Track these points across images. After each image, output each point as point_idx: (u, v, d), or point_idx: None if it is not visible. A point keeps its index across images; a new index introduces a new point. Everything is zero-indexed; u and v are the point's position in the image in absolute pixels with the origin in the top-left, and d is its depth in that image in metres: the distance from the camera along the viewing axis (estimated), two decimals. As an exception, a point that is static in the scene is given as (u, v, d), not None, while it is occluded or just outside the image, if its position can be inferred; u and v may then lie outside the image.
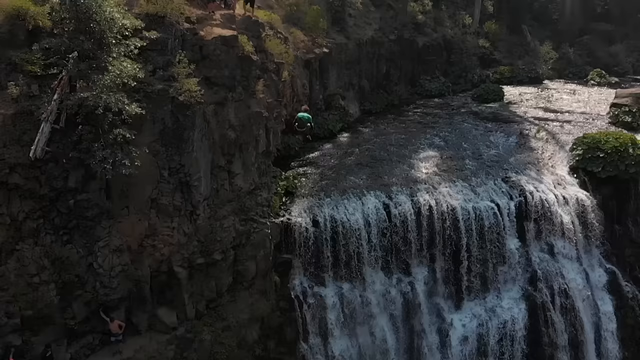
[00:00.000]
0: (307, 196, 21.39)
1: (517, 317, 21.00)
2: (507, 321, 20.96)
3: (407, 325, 20.65)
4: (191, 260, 17.28)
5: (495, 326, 20.88)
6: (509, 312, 21.10)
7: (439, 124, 28.58)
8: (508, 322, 20.96)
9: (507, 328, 20.91)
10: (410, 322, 20.66)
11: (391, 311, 20.54)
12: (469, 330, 20.79)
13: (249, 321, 18.48)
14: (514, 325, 20.93)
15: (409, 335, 20.61)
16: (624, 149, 23.44)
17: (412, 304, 20.72)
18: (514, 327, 20.93)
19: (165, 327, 16.98)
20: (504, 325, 20.92)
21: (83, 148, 14.54)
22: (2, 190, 14.44)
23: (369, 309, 20.33)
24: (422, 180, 22.55)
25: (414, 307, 20.73)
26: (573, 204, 22.66)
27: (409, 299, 20.73)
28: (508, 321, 20.96)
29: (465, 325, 20.88)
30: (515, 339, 20.90)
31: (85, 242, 15.52)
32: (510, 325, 20.93)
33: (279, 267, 19.75)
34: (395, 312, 20.60)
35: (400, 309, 20.64)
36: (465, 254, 21.17)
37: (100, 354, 16.16)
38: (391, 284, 20.78)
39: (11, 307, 14.59)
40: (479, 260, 21.28)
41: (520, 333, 20.93)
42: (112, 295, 15.95)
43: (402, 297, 20.69)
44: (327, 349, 19.55)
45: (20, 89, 14.23)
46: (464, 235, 21.13)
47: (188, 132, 16.71)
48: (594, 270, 22.68)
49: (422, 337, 20.58)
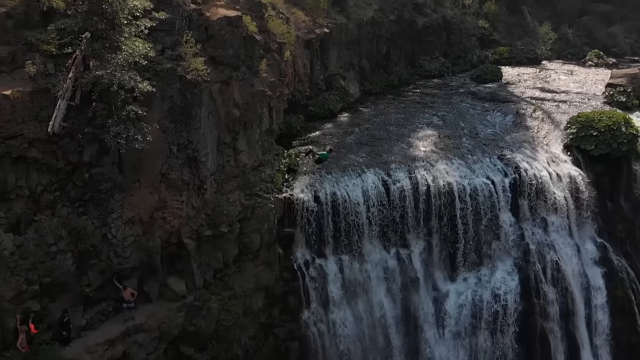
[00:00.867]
0: (308, 173, 22.44)
1: (510, 288, 22.22)
2: (500, 292, 22.17)
3: (404, 296, 21.86)
4: (199, 232, 18.40)
5: (488, 297, 22.10)
6: (502, 284, 22.31)
7: (438, 103, 29.45)
8: (501, 293, 22.17)
9: (500, 298, 22.12)
10: (407, 292, 21.87)
11: (389, 282, 21.74)
12: (464, 301, 22.01)
13: (254, 290, 19.70)
14: (506, 296, 22.15)
15: (406, 304, 21.84)
16: (616, 128, 24.41)
17: (409, 276, 21.92)
18: (506, 297, 22.14)
19: (175, 295, 18.18)
20: (497, 295, 22.12)
21: (97, 124, 15.53)
22: (21, 164, 15.47)
23: (368, 280, 21.53)
24: (420, 158, 23.57)
25: (410, 279, 21.92)
26: (566, 180, 23.71)
27: (406, 271, 21.92)
28: (501, 292, 22.18)
29: (459, 296, 22.11)
30: (507, 309, 22.11)
31: (100, 214, 16.62)
32: (503, 296, 22.15)
33: (282, 240, 20.92)
34: (393, 283, 21.79)
35: (398, 280, 21.83)
36: (461, 229, 22.28)
37: (114, 320, 17.37)
38: (389, 256, 21.96)
39: (30, 274, 15.69)
40: (474, 234, 22.39)
41: (512, 303, 22.13)
42: (125, 264, 17.11)
43: (399, 269, 21.88)
44: (328, 316, 20.81)
45: (36, 67, 15.17)
46: (460, 210, 22.21)
47: (195, 109, 17.69)
48: (586, 244, 23.83)
49: (419, 306, 21.82)
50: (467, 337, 22.13)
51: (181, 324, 18.01)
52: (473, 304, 22.07)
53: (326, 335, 20.64)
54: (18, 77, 15.39)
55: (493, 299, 22.17)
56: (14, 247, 15.38)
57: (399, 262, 22.02)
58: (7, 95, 14.85)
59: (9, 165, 15.27)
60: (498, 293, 22.23)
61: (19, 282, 15.43)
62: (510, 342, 22.22)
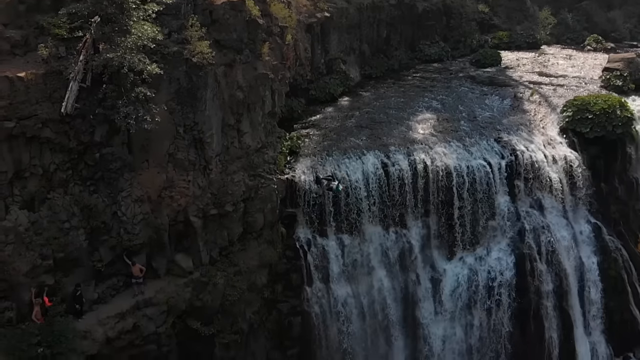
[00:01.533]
0: (310, 155, 23.30)
1: (505, 267, 23.18)
2: (495, 271, 23.14)
3: (403, 274, 22.83)
4: (205, 211, 19.29)
5: (484, 275, 23.06)
6: (498, 263, 23.26)
7: (437, 87, 30.15)
8: (496, 271, 23.14)
9: (496, 277, 23.09)
10: (405, 271, 22.83)
11: (388, 261, 22.68)
12: (460, 279, 22.99)
13: (258, 267, 20.67)
14: (502, 274, 23.12)
15: (404, 283, 22.81)
16: (611, 111, 25.20)
17: (407, 255, 22.86)
18: (502, 276, 23.12)
19: (182, 271, 19.13)
20: (493, 274, 23.09)
21: (108, 105, 16.32)
22: (34, 144, 16.29)
23: (368, 259, 22.49)
24: (419, 140, 24.38)
25: (409, 258, 22.87)
26: (562, 163, 24.56)
27: (404, 251, 22.86)
28: (496, 271, 23.15)
29: (456, 275, 23.07)
30: (503, 287, 23.10)
31: (110, 192, 17.49)
32: (499, 274, 23.12)
33: (285, 220, 21.86)
34: (392, 262, 22.74)
35: (397, 259, 22.78)
36: (458, 209, 23.16)
37: (124, 295, 18.35)
38: (388, 236, 22.88)
39: (45, 249, 16.60)
40: (471, 215, 23.27)
41: (507, 282, 23.12)
42: (135, 241, 18.02)
43: (398, 248, 22.82)
44: (329, 293, 21.80)
45: (49, 50, 15.92)
46: (457, 191, 23.08)
47: (201, 91, 18.45)
48: (580, 225, 24.76)
49: (417, 285, 22.80)
50: (463, 315, 23.13)
51: (188, 298, 18.98)
52: (469, 282, 23.02)
53: (327, 311, 21.66)
54: (31, 59, 16.15)
55: (489, 277, 23.12)
56: (28, 223, 16.26)
57: (398, 242, 22.94)
58: (22, 77, 15.62)
59: (23, 145, 16.09)
60: (494, 272, 23.17)
61: (34, 257, 16.35)
62: (505, 320, 23.20)
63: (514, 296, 23.22)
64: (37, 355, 15.68)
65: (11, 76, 15.52)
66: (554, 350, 23.31)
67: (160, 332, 18.41)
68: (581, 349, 23.74)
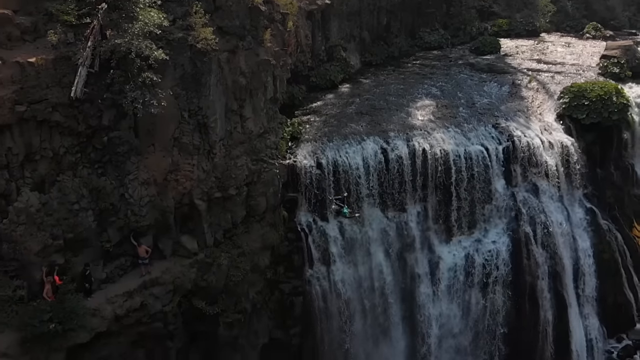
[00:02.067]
0: (311, 141, 23.96)
1: (501, 249, 23.94)
2: (491, 253, 23.90)
3: (401, 257, 23.59)
4: (209, 194, 20.00)
5: (480, 257, 23.82)
6: (494, 245, 24.02)
7: (437, 75, 30.71)
8: (493, 254, 23.89)
9: (492, 259, 23.85)
10: (404, 253, 23.59)
11: (387, 244, 23.43)
12: (457, 261, 23.77)
13: (261, 249, 21.43)
14: (498, 256, 23.88)
15: (402, 265, 23.59)
16: (607, 97, 25.81)
17: (406, 238, 23.61)
18: (498, 258, 23.88)
19: (187, 252, 19.88)
20: (489, 256, 23.85)
21: (115, 90, 16.95)
22: (45, 127, 16.95)
23: (367, 242, 23.23)
24: (418, 126, 25.02)
25: (407, 241, 23.62)
26: (558, 148, 25.21)
27: (403, 234, 23.60)
28: (493, 253, 23.90)
29: (453, 257, 23.84)
30: (499, 269, 23.86)
31: (118, 175, 18.19)
32: (495, 256, 23.88)
33: (287, 204, 22.59)
34: (391, 245, 23.49)
35: (395, 242, 23.53)
36: (456, 194, 23.86)
37: (132, 275, 19.12)
38: (387, 220, 23.61)
39: (55, 230, 17.31)
40: (468, 199, 23.98)
41: (503, 264, 23.87)
42: (142, 222, 18.75)
43: (397, 231, 23.55)
44: (330, 274, 22.58)
45: (58, 36, 16.51)
46: (455, 176, 23.76)
47: (205, 77, 19.07)
48: (575, 209, 25.49)
49: (415, 266, 23.58)
50: (460, 295, 23.93)
51: (193, 278, 19.74)
52: (466, 264, 23.80)
53: (328, 291, 22.46)
54: (41, 45, 16.75)
55: (485, 259, 23.88)
56: (39, 204, 16.96)
57: (397, 225, 23.66)
58: (32, 63, 16.24)
59: (34, 129, 16.75)
60: (490, 254, 23.92)
61: (45, 237, 17.06)
62: (501, 301, 23.98)
63: (510, 278, 23.95)
64: (48, 331, 16.42)
65: (22, 61, 16.14)
66: (548, 330, 24.08)
67: (166, 310, 19.19)
68: (575, 329, 24.53)
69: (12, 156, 16.55)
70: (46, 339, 16.50)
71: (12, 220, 16.63)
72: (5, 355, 16.32)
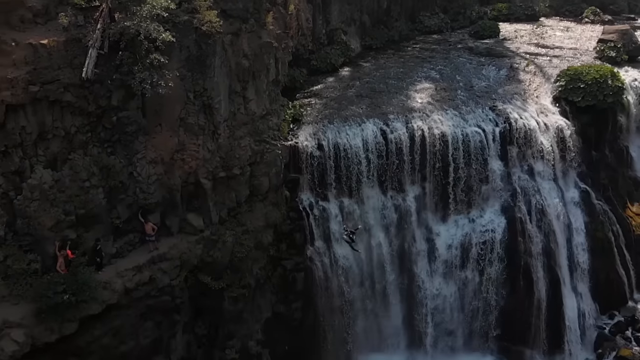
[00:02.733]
0: (312, 123, 24.80)
1: (497, 228, 24.84)
2: (487, 232, 24.79)
3: (400, 235, 24.55)
4: (214, 174, 20.88)
5: (477, 236, 24.75)
6: (490, 224, 24.91)
7: (436, 58, 31.43)
8: (488, 232, 24.80)
9: (488, 238, 24.77)
10: (402, 232, 24.55)
11: (386, 223, 24.36)
12: (454, 240, 24.70)
13: (264, 227, 22.36)
14: (493, 235, 24.79)
15: (401, 243, 24.55)
16: (603, 80, 26.57)
17: (404, 217, 24.54)
18: (493, 237, 24.79)
19: (193, 229, 20.81)
20: (485, 235, 24.78)
21: (124, 71, 17.75)
22: (56, 107, 17.78)
23: (366, 221, 24.17)
24: (417, 109, 25.82)
25: (405, 220, 24.55)
26: (553, 130, 26.04)
27: (401, 213, 24.53)
28: (489, 232, 24.80)
29: (450, 235, 24.78)
30: (494, 247, 24.81)
31: (126, 154, 19.06)
32: (491, 235, 24.79)
33: (289, 184, 23.48)
34: (389, 224, 24.43)
35: (394, 222, 24.46)
36: (453, 174, 24.72)
37: (140, 250, 20.07)
38: (386, 200, 24.53)
39: (67, 206, 18.23)
40: (465, 179, 24.85)
41: (499, 242, 24.81)
42: (150, 200, 19.67)
43: (395, 211, 24.49)
44: (330, 252, 23.56)
45: (68, 19, 17.27)
46: (452, 157, 24.62)
47: (210, 59, 19.85)
48: (569, 189, 26.37)
49: (412, 245, 24.54)
50: (456, 273, 24.90)
51: (199, 254, 20.69)
52: (462, 242, 24.74)
53: (328, 267, 23.46)
54: (52, 28, 17.52)
55: (481, 238, 24.80)
56: (52, 181, 17.85)
57: (395, 205, 24.58)
58: (44, 45, 17.02)
59: (46, 108, 17.58)
60: (486, 233, 24.83)
61: (58, 212, 17.98)
62: (496, 277, 24.96)
63: (505, 255, 24.86)
64: (62, 302, 17.36)
65: (35, 43, 16.92)
66: (542, 306, 25.05)
67: (174, 284, 20.18)
68: (568, 305, 25.48)
69: (25, 135, 17.41)
70: (60, 310, 17.44)
71: (26, 196, 17.54)
72: (20, 326, 17.30)
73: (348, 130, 24.36)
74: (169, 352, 20.71)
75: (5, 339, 16.98)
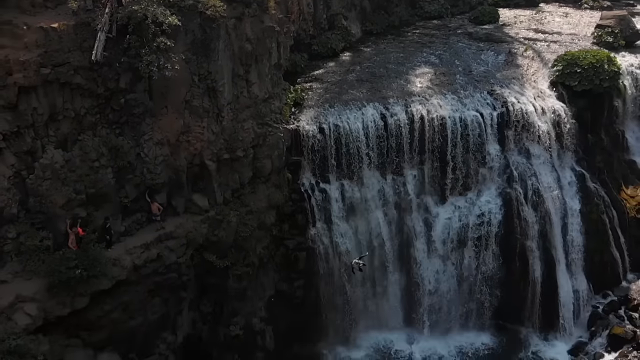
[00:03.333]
0: (313, 107, 25.60)
1: (494, 210, 25.75)
2: (484, 214, 25.70)
3: (399, 217, 25.45)
4: (219, 155, 21.72)
5: (474, 218, 25.64)
6: (487, 206, 25.80)
7: (436, 43, 32.13)
8: (485, 214, 25.71)
9: (484, 219, 25.68)
10: (401, 214, 25.45)
11: (385, 205, 25.27)
12: (451, 221, 25.60)
13: (267, 208, 23.26)
14: (490, 217, 25.70)
15: (399, 225, 25.46)
16: (599, 65, 27.29)
17: (403, 200, 25.43)
18: (490, 218, 25.69)
19: (199, 209, 21.71)
20: (482, 217, 25.68)
21: (132, 54, 18.52)
22: (67, 89, 18.56)
23: (366, 203, 25.08)
24: (417, 93, 26.60)
25: (404, 202, 25.44)
26: (550, 114, 26.81)
27: (400, 195, 25.42)
28: (485, 214, 25.71)
29: (448, 217, 25.68)
30: (491, 229, 25.71)
31: (134, 135, 19.89)
32: (487, 217, 25.70)
33: (291, 166, 24.34)
34: (389, 206, 25.34)
35: (393, 204, 25.37)
36: (451, 157, 25.57)
37: (147, 229, 20.98)
38: (386, 182, 25.41)
39: (78, 185, 19.07)
40: (463, 162, 25.69)
41: (495, 224, 25.70)
42: (157, 180, 20.54)
43: (394, 193, 25.38)
44: (331, 233, 24.50)
45: (77, 3, 17.98)
46: (451, 141, 25.44)
47: (214, 42, 20.59)
48: (565, 172, 27.19)
49: (411, 226, 25.45)
50: (454, 254, 25.84)
51: (205, 234, 21.59)
52: (460, 224, 25.63)
53: (329, 247, 24.40)
54: (62, 12, 18.26)
55: (478, 220, 25.71)
56: (63, 161, 18.69)
57: (394, 188, 25.46)
58: (55, 28, 17.77)
59: (57, 90, 18.35)
60: (483, 215, 25.72)
61: (69, 191, 18.83)
62: (492, 258, 25.92)
63: (501, 236, 25.79)
64: (74, 276, 18.26)
65: (45, 27, 17.67)
66: (537, 286, 26.04)
67: (180, 262, 21.11)
68: (563, 285, 26.43)
69: (37, 116, 18.20)
70: (72, 285, 18.34)
71: (38, 175, 18.38)
72: (33, 300, 18.23)
73: (349, 114, 25.16)
74: (175, 328, 21.70)
75: (18, 313, 17.90)
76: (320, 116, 24.97)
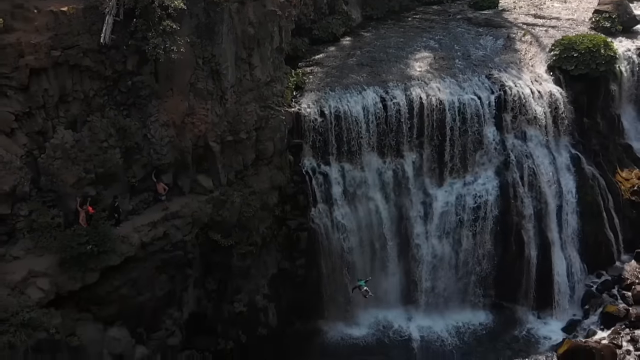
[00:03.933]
0: (314, 91, 26.38)
1: (491, 192, 26.59)
2: (481, 195, 26.55)
3: (397, 199, 26.32)
4: (222, 137, 22.56)
5: (471, 199, 26.51)
6: (484, 188, 26.64)
7: (435, 28, 32.75)
8: (482, 196, 26.55)
9: (482, 201, 26.53)
10: (399, 196, 26.32)
11: (384, 187, 26.12)
12: (449, 202, 26.46)
13: (269, 189, 24.15)
14: (487, 198, 26.55)
15: (398, 206, 26.34)
16: (596, 50, 27.98)
17: (401, 182, 26.27)
18: (487, 200, 26.54)
19: (203, 189, 22.59)
20: (479, 198, 26.53)
21: (138, 37, 19.29)
22: (76, 72, 19.37)
23: (366, 185, 25.96)
24: (416, 77, 27.34)
25: (403, 184, 26.29)
26: (547, 98, 27.56)
27: (399, 178, 26.27)
28: (482, 195, 26.56)
29: (446, 199, 26.53)
30: (487, 210, 26.59)
31: (140, 117, 20.73)
32: (484, 198, 26.54)
33: (292, 149, 25.18)
34: (388, 188, 26.20)
35: (392, 186, 26.23)
36: (449, 140, 26.38)
37: (154, 208, 21.90)
38: (385, 165, 26.24)
39: (87, 165, 19.96)
40: (461, 145, 26.49)
41: (492, 205, 26.58)
42: (163, 160, 21.41)
43: (393, 176, 26.23)
44: (332, 214, 25.41)
45: (86, -13, 18.71)
46: (449, 124, 26.23)
47: (218, 26, 21.34)
48: (561, 155, 27.99)
49: (410, 207, 26.34)
50: (451, 234, 26.70)
51: (209, 213, 22.48)
52: (457, 205, 26.49)
53: (330, 228, 25.32)
54: (71, -5, 18.98)
55: (475, 201, 26.56)
56: (73, 141, 19.56)
57: (394, 170, 26.28)
58: (64, 11, 18.54)
59: (67, 72, 19.17)
60: (480, 196, 26.55)
61: (79, 170, 19.71)
62: (489, 239, 26.82)
63: (498, 218, 26.66)
64: (85, 252, 19.17)
65: (55, 10, 18.43)
66: (533, 266, 26.92)
67: (186, 240, 22.03)
68: (558, 265, 27.33)
69: (48, 97, 19.02)
70: (83, 260, 19.25)
71: (49, 155, 19.24)
72: (45, 275, 19.17)
73: (349, 98, 25.92)
74: (181, 305, 22.68)
75: (31, 287, 18.84)
76: (321, 100, 25.74)
